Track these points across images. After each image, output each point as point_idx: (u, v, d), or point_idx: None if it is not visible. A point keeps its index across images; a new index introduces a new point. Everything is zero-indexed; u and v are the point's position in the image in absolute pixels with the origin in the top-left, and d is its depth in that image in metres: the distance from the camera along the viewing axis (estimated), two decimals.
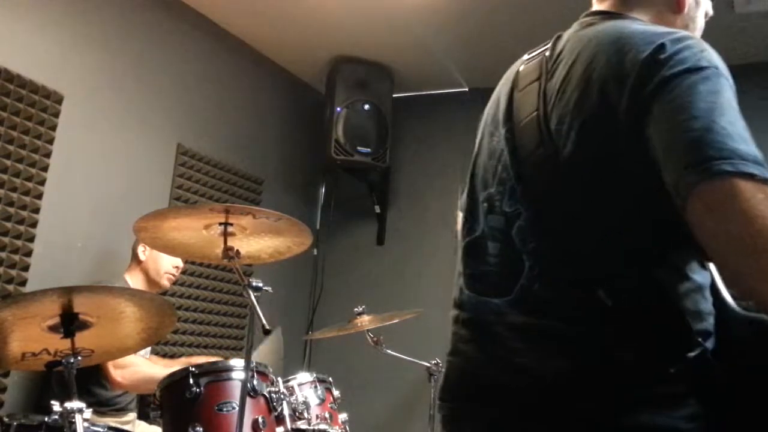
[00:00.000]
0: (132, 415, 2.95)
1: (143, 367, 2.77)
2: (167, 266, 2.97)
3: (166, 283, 3.01)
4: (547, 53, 1.15)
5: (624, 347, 0.96)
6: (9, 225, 2.86)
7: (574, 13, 1.35)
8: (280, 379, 2.37)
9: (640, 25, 1.09)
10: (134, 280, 2.95)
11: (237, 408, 2.06)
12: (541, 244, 1.05)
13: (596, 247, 1.00)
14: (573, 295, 1.01)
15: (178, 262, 3.02)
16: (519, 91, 1.16)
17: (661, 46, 0.96)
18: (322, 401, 2.54)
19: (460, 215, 1.38)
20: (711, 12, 1.26)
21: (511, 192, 1.11)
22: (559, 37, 1.17)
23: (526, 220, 1.07)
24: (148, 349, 3.05)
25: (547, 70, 1.11)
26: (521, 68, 1.20)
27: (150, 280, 2.97)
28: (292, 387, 2.47)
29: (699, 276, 1.03)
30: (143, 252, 2.96)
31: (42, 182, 2.98)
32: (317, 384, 2.56)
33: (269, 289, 1.97)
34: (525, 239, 1.07)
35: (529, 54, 1.22)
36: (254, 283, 1.93)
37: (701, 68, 0.94)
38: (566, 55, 1.09)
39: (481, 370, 1.10)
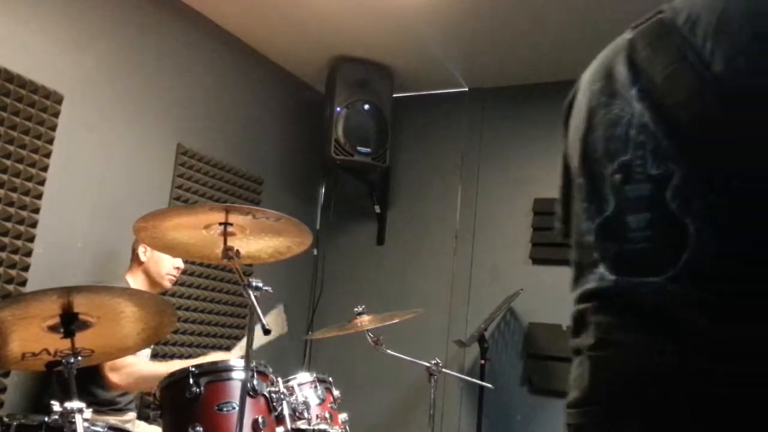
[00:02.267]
0: (132, 415, 2.95)
1: (139, 366, 2.77)
2: (168, 267, 2.98)
3: (167, 284, 3.01)
4: (663, 14, 1.07)
5: None
6: (9, 225, 2.86)
7: (574, 13, 1.35)
8: (280, 379, 2.37)
9: None
10: (135, 281, 2.95)
11: (237, 408, 2.06)
12: (712, 200, 0.94)
13: None
14: (758, 255, 0.91)
15: (179, 262, 3.02)
16: (641, 52, 1.07)
17: None
18: (322, 401, 2.54)
19: (579, 204, 1.21)
20: None
21: (654, 153, 1.00)
22: (660, 11, 1.09)
23: (686, 177, 0.96)
24: (149, 350, 3.05)
25: (677, 25, 1.03)
26: (630, 36, 1.12)
27: (151, 281, 2.97)
28: (292, 387, 2.47)
29: None
30: (144, 253, 2.96)
31: (42, 182, 2.98)
32: (317, 384, 2.56)
33: (269, 289, 1.97)
34: (688, 199, 0.95)
35: (632, 25, 1.14)
36: (254, 283, 1.93)
37: None
38: (704, 7, 1.02)
39: (661, 360, 0.96)
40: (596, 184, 1.09)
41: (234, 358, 2.95)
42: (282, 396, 2.30)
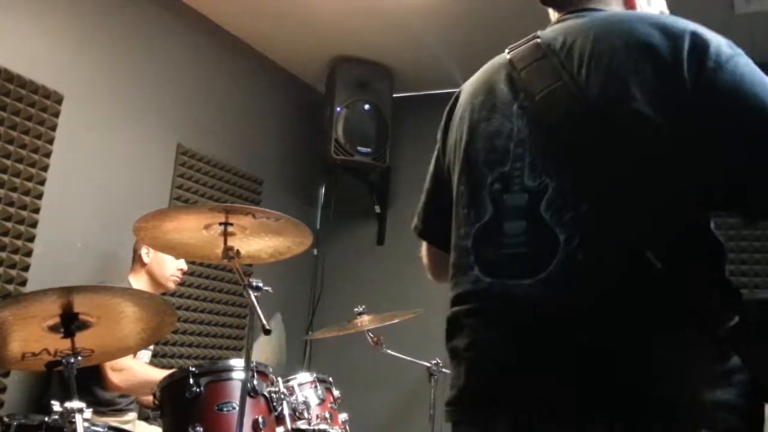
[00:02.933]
0: (132, 415, 2.95)
1: (140, 370, 2.77)
2: (172, 269, 2.98)
3: (171, 285, 3.02)
4: (539, 40, 1.18)
5: (676, 312, 0.97)
6: (9, 225, 2.86)
7: None
8: (280, 379, 2.37)
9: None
10: (138, 283, 2.95)
11: (237, 408, 2.06)
12: (582, 212, 1.03)
13: (645, 209, 1.01)
14: (621, 259, 1.00)
15: (182, 264, 3.02)
16: (521, 71, 1.16)
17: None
18: (322, 401, 2.54)
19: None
20: (666, 11, 1.32)
21: (532, 166, 1.09)
22: (536, 36, 1.21)
23: (558, 191, 1.05)
24: (149, 351, 3.05)
25: (553, 50, 1.13)
26: (510, 55, 1.21)
27: (155, 283, 2.97)
28: (292, 387, 2.47)
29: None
30: (147, 254, 2.96)
31: (42, 182, 2.98)
32: (317, 384, 2.56)
33: (269, 289, 1.97)
34: (559, 211, 1.05)
35: (510, 48, 1.24)
36: (254, 283, 1.93)
37: None
38: (578, 33, 1.13)
39: (525, 361, 1.05)
40: (476, 192, 1.16)
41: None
42: (282, 396, 2.30)
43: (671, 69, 1.02)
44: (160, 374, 2.69)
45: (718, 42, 1.04)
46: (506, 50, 1.24)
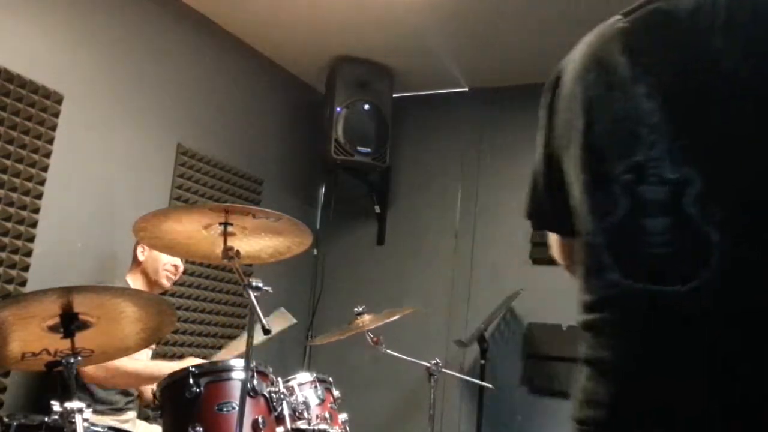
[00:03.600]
0: (132, 414, 2.95)
1: (118, 362, 2.64)
2: (165, 265, 2.97)
3: (165, 282, 3.00)
4: (660, 4, 1.01)
5: None
6: (9, 225, 2.86)
7: (574, 13, 1.35)
8: (280, 379, 2.37)
9: None
10: (135, 282, 2.95)
11: (237, 408, 2.06)
12: (735, 210, 0.90)
13: None
14: None
15: (177, 260, 3.01)
16: (641, 44, 1.01)
17: None
18: (322, 401, 2.53)
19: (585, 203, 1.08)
20: None
21: (671, 155, 0.93)
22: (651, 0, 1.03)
23: (706, 183, 0.90)
24: (150, 351, 3.05)
25: (681, 16, 0.97)
26: (623, 25, 1.05)
27: (150, 281, 2.96)
28: (292, 387, 2.47)
29: None
30: (142, 253, 2.96)
31: (42, 182, 2.98)
32: (317, 384, 2.56)
33: (269, 289, 1.97)
34: (708, 206, 0.90)
35: (623, 12, 1.07)
36: (254, 283, 1.93)
37: None
38: (707, 4, 0.96)
39: (678, 373, 0.91)
40: (603, 182, 1.00)
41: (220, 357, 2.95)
42: (282, 396, 2.30)
43: None
44: (139, 365, 2.65)
45: None
46: (617, 16, 1.07)
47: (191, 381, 2.15)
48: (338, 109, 4.25)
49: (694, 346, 0.90)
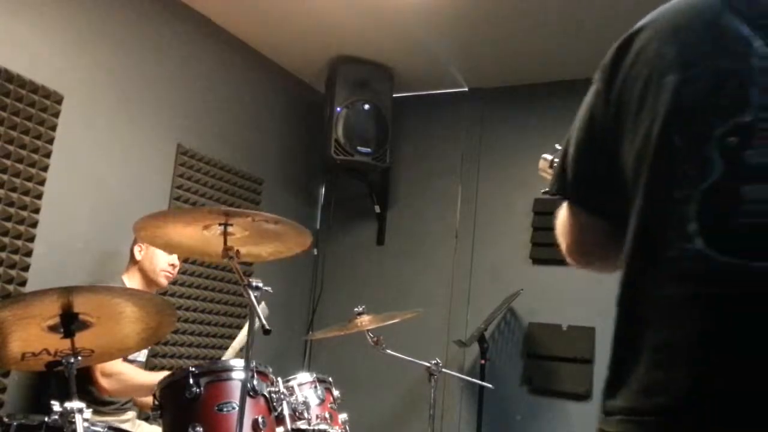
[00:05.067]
0: (132, 414, 2.95)
1: (129, 374, 2.76)
2: (163, 264, 2.96)
3: (163, 281, 2.99)
4: None
5: None
6: (9, 225, 2.86)
7: (574, 13, 1.35)
8: (280, 379, 2.37)
9: None
10: (132, 281, 2.94)
11: (237, 408, 2.06)
12: None
13: None
14: None
15: (174, 259, 3.00)
16: (745, 4, 0.95)
17: None
18: (322, 401, 2.54)
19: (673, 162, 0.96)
20: None
21: None
22: None
23: None
24: (145, 351, 3.05)
25: None
26: None
27: (147, 280, 2.96)
28: (292, 387, 2.47)
29: None
30: (139, 251, 2.95)
31: (42, 182, 2.98)
32: (317, 384, 2.56)
33: (269, 289, 1.97)
34: None
35: None
36: (254, 283, 1.93)
37: None
38: None
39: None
40: (698, 144, 0.91)
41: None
42: (282, 396, 2.30)
43: None
44: (151, 377, 2.69)
45: None
46: None
47: (191, 381, 2.15)
48: (338, 109, 4.25)
49: None
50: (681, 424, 0.86)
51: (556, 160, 1.15)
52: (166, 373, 2.78)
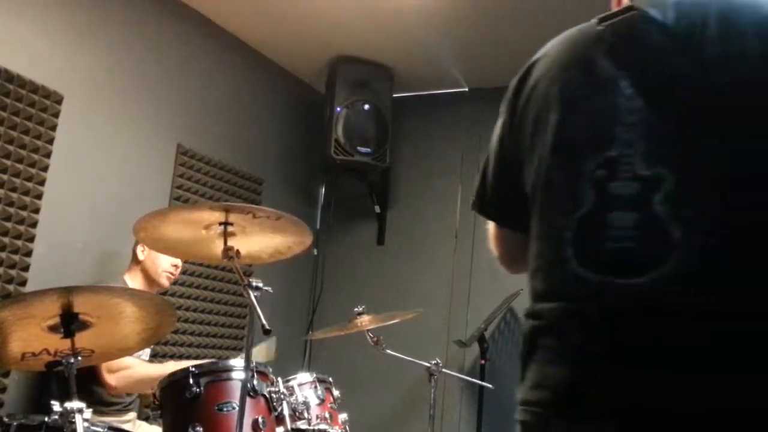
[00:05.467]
0: (132, 415, 2.95)
1: (136, 369, 2.76)
2: (165, 265, 2.97)
3: (165, 282, 3.00)
4: (642, 11, 1.05)
5: None
6: (9, 225, 2.86)
7: (574, 14, 1.35)
8: (280, 379, 2.37)
9: None
10: (133, 281, 2.95)
11: (237, 408, 2.06)
12: (704, 209, 0.94)
13: None
14: (741, 271, 0.92)
15: (177, 260, 3.01)
16: (623, 46, 1.05)
17: None
18: (322, 401, 2.54)
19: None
20: None
21: (646, 153, 0.97)
22: (632, 8, 1.07)
23: (678, 183, 0.95)
24: (148, 350, 3.05)
25: (665, 24, 1.02)
26: (605, 26, 1.09)
27: (149, 280, 2.96)
28: (292, 387, 2.47)
29: None
30: (142, 252, 2.95)
31: (42, 182, 2.98)
32: (317, 384, 2.56)
33: (269, 289, 1.97)
34: (678, 206, 0.94)
35: (600, 18, 1.11)
36: (254, 283, 1.92)
37: None
38: (693, 12, 1.02)
39: (629, 363, 0.95)
40: (574, 177, 1.04)
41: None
42: (282, 396, 2.30)
43: None
44: (157, 370, 2.69)
45: None
46: (596, 20, 1.11)
47: (191, 381, 2.15)
48: (338, 109, 4.25)
49: (642, 338, 0.95)
50: (558, 415, 1.01)
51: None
52: (173, 364, 2.81)
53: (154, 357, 3.31)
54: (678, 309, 0.93)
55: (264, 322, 1.81)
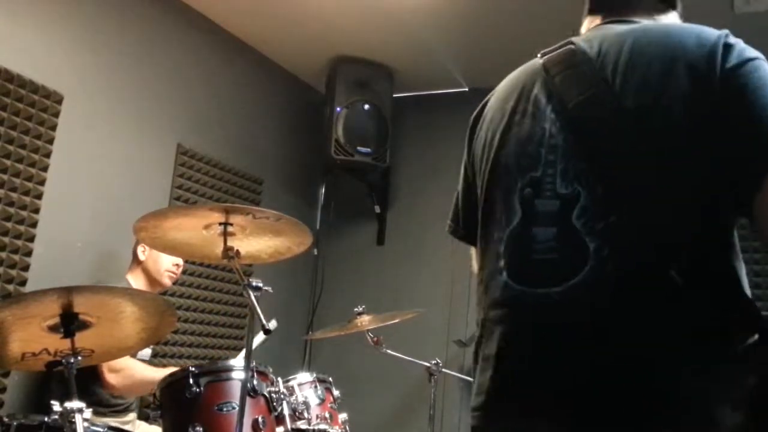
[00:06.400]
0: (132, 415, 2.95)
1: (138, 370, 2.77)
2: (167, 264, 2.97)
3: (167, 281, 3.01)
4: (574, 46, 1.17)
5: (696, 326, 0.99)
6: (9, 225, 2.86)
7: (574, 14, 1.36)
8: (280, 379, 2.37)
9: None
10: (136, 281, 2.95)
11: (237, 408, 2.06)
12: (612, 222, 1.03)
13: (670, 223, 1.01)
14: (646, 273, 1.00)
15: (179, 260, 3.02)
16: (555, 77, 1.16)
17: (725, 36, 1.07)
18: (322, 401, 2.54)
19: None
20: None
21: (564, 173, 1.09)
22: (570, 42, 1.20)
23: (590, 199, 1.05)
24: (149, 350, 3.06)
25: (588, 57, 1.12)
26: (543, 60, 1.21)
27: (151, 280, 2.97)
28: (292, 387, 2.47)
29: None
30: (143, 252, 2.96)
31: (42, 182, 2.98)
32: (317, 384, 2.56)
33: (269, 289, 1.97)
34: (591, 220, 1.05)
35: (542, 52, 1.24)
36: (254, 283, 1.93)
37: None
38: (614, 41, 1.12)
39: (550, 370, 1.06)
40: (507, 196, 1.15)
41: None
42: (282, 396, 2.30)
43: (705, 76, 1.03)
44: (158, 373, 2.69)
45: (745, 46, 1.06)
46: (539, 55, 1.24)
47: (191, 381, 2.15)
48: (338, 109, 4.25)
49: (565, 342, 1.04)
50: (489, 417, 1.13)
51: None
52: (172, 369, 2.81)
53: (154, 357, 3.31)
54: (588, 319, 1.02)
55: (264, 321, 1.82)
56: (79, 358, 1.90)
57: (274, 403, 2.26)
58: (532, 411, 1.06)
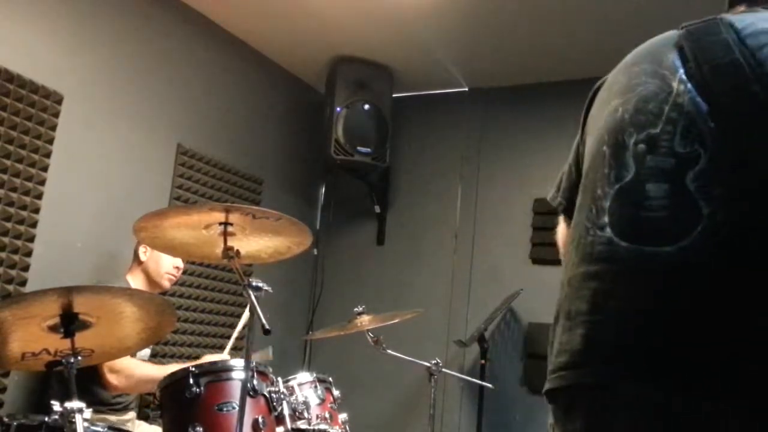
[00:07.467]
0: (132, 414, 2.95)
1: (138, 369, 2.77)
2: (168, 266, 2.97)
3: (166, 283, 3.01)
4: (723, 18, 1.13)
5: None
6: (9, 225, 2.86)
7: (574, 13, 1.36)
8: (280, 379, 2.37)
9: None
10: (135, 281, 2.95)
11: (237, 408, 2.06)
12: (733, 190, 1.00)
13: None
14: (763, 247, 0.97)
15: (179, 262, 3.02)
16: (692, 43, 1.12)
17: None
18: (322, 401, 2.54)
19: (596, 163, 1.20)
20: None
21: (685, 132, 1.05)
22: (716, 17, 1.15)
23: (711, 162, 1.01)
24: (148, 350, 3.06)
25: (735, 29, 1.08)
26: (685, 28, 1.16)
27: (151, 281, 2.97)
28: (292, 387, 2.47)
29: None
30: (144, 253, 2.96)
31: (42, 182, 2.98)
32: (317, 384, 2.56)
33: (269, 289, 1.97)
34: (708, 184, 1.01)
35: (684, 24, 1.18)
36: (254, 283, 1.93)
37: None
38: (762, 19, 1.10)
39: (652, 329, 1.00)
40: (619, 151, 1.11)
41: (226, 356, 2.97)
42: (282, 396, 2.30)
43: None
44: (159, 370, 2.70)
45: None
46: (680, 26, 1.19)
47: (191, 381, 2.15)
48: (338, 109, 4.25)
49: (670, 302, 0.99)
50: (574, 378, 1.06)
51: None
52: (173, 365, 2.81)
53: (154, 357, 3.32)
54: (702, 278, 0.98)
55: (264, 322, 1.82)
56: (79, 358, 1.90)
57: (274, 403, 2.26)
58: (630, 374, 1.01)
